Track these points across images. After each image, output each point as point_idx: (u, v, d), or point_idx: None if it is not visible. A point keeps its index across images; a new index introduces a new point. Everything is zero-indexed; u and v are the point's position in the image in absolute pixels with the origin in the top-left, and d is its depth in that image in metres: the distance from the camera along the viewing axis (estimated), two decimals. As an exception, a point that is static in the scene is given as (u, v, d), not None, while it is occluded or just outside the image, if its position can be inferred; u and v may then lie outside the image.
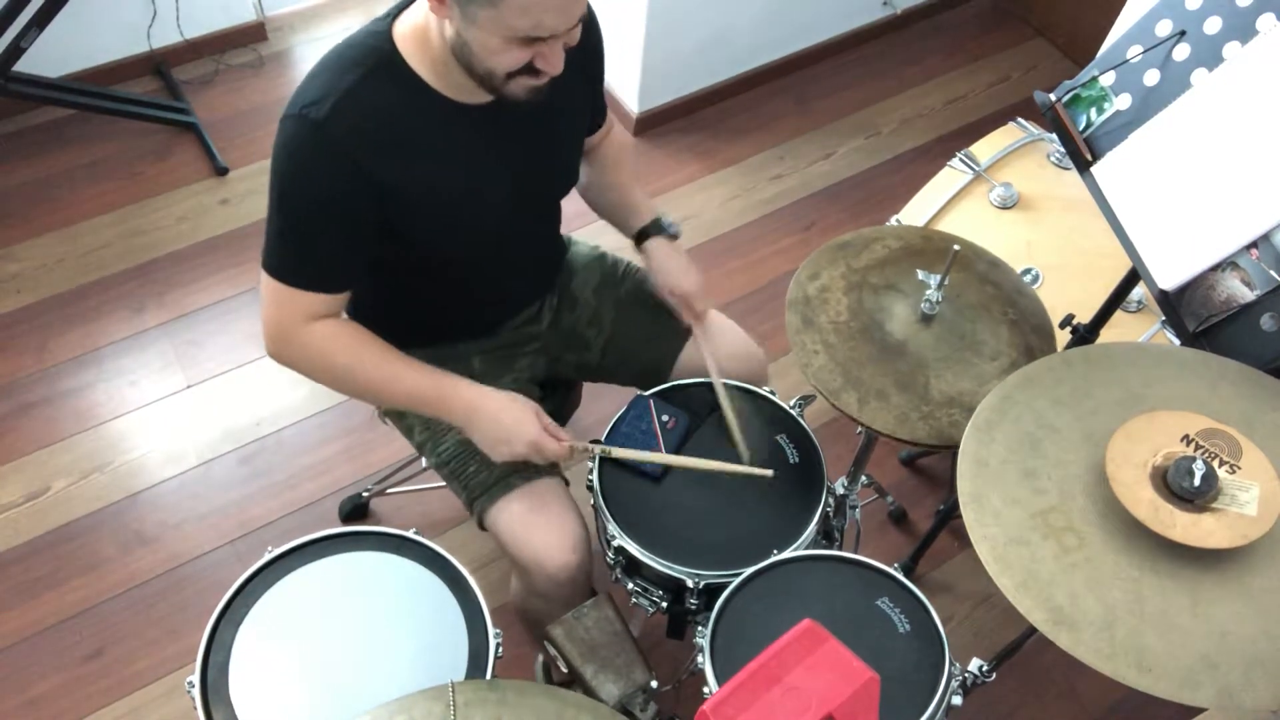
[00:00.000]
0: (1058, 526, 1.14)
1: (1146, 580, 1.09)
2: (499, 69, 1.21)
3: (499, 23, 1.14)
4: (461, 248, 1.43)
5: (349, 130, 1.23)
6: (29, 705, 1.91)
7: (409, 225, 1.35)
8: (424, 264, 1.45)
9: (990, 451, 1.21)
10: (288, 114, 1.25)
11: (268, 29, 3.04)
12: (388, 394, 1.42)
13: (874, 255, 1.57)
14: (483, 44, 1.18)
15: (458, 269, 1.48)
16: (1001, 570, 1.11)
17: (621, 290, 1.70)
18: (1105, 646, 1.05)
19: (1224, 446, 1.13)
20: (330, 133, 1.23)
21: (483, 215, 1.41)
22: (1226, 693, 1.02)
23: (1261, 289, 1.25)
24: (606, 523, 1.46)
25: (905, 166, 2.91)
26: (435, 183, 1.33)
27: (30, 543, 2.09)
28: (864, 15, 3.16)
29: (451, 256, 1.44)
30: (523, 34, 1.15)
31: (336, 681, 1.29)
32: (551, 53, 1.20)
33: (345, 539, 1.41)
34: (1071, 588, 1.09)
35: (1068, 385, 1.26)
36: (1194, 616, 1.06)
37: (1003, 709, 1.99)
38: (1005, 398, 1.25)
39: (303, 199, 1.27)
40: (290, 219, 1.29)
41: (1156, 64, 1.39)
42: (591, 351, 1.70)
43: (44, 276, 2.48)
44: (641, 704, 1.23)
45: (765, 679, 0.90)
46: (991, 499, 1.17)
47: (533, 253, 1.60)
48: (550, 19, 1.15)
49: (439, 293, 1.53)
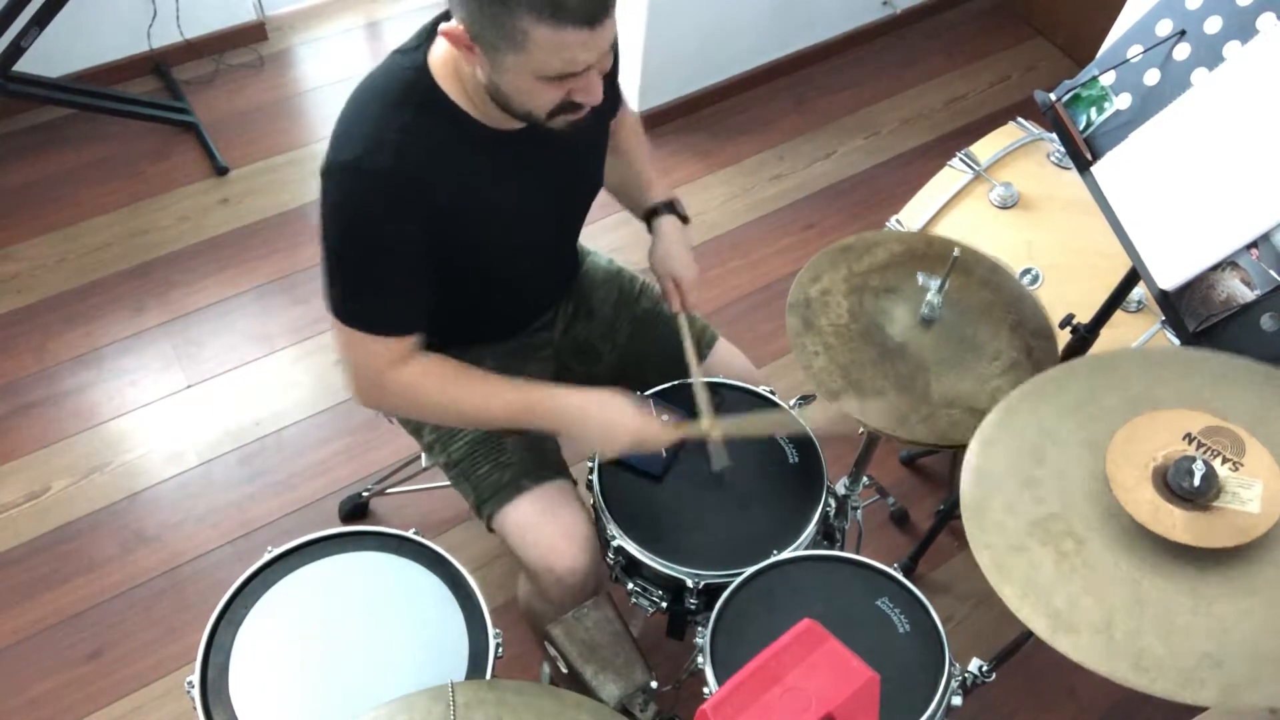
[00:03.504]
0: (1055, 532, 1.13)
1: (1147, 581, 1.09)
2: (538, 109, 1.19)
3: (529, 66, 1.12)
4: (505, 262, 1.42)
5: (412, 176, 1.21)
6: (29, 705, 1.91)
7: (468, 253, 1.34)
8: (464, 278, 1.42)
9: (992, 462, 1.20)
10: (338, 163, 1.22)
11: (268, 29, 3.04)
12: (486, 419, 1.41)
13: (875, 259, 1.56)
14: (516, 88, 1.16)
15: (492, 280, 1.46)
16: (1002, 580, 1.11)
17: (638, 309, 1.70)
18: (1105, 648, 1.04)
19: (1226, 444, 1.13)
20: (395, 181, 1.20)
21: (532, 233, 1.41)
22: (1231, 690, 1.01)
23: (1261, 289, 1.25)
24: (606, 523, 1.46)
25: (905, 166, 2.91)
26: (489, 211, 1.31)
27: (30, 543, 2.09)
28: (864, 15, 3.16)
29: (493, 271, 1.42)
30: (555, 73, 1.13)
31: (336, 681, 1.29)
32: (588, 84, 1.17)
33: (345, 539, 1.41)
34: (1070, 593, 1.09)
35: (1071, 394, 1.25)
36: (1195, 615, 1.06)
37: (1003, 709, 1.99)
38: (1009, 410, 1.24)
39: (376, 249, 1.25)
40: (364, 268, 1.26)
41: (1157, 63, 1.39)
42: (601, 364, 1.70)
43: (44, 276, 2.48)
44: (641, 704, 1.23)
45: (765, 679, 0.90)
46: (993, 509, 1.16)
47: (558, 259, 1.61)
48: (581, 54, 1.12)
49: (465, 300, 1.51)
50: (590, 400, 1.38)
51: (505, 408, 1.38)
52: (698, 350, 1.57)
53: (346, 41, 3.09)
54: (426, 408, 1.39)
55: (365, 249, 1.25)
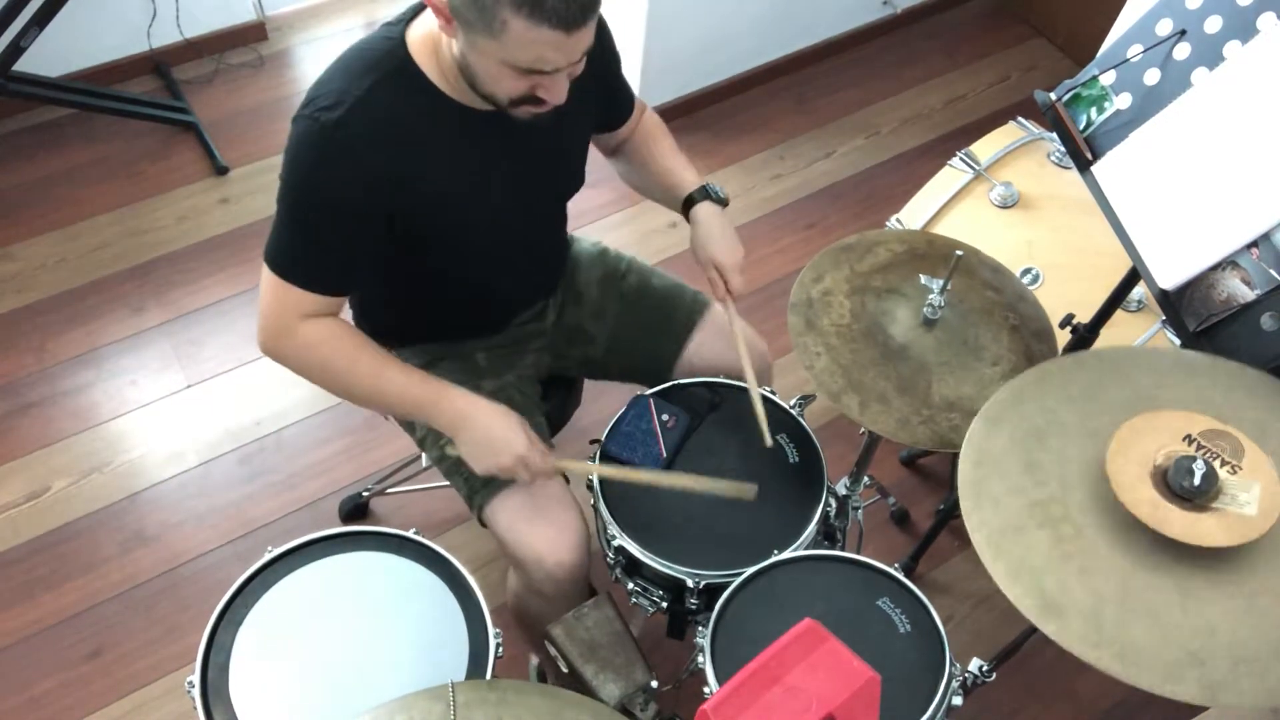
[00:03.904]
0: (1055, 516, 1.14)
1: (1139, 574, 1.10)
2: (501, 95, 1.21)
3: (500, 54, 1.14)
4: (469, 249, 1.44)
5: (361, 135, 1.24)
6: (29, 705, 1.91)
7: (419, 227, 1.35)
8: (431, 265, 1.45)
9: (995, 442, 1.21)
10: (301, 114, 1.26)
11: (268, 29, 3.04)
12: (378, 397, 1.40)
13: (877, 259, 1.56)
14: (484, 70, 1.18)
15: (463, 269, 1.48)
16: (995, 556, 1.12)
17: (624, 284, 1.70)
18: (1092, 635, 1.05)
19: (1225, 446, 1.13)
20: (342, 136, 1.23)
21: (490, 217, 1.41)
22: (1210, 688, 1.02)
23: (1262, 288, 1.25)
24: (606, 522, 1.46)
25: (905, 166, 2.91)
26: (445, 186, 1.33)
27: (30, 543, 2.09)
28: (864, 15, 3.16)
29: (459, 258, 1.44)
30: (524, 66, 1.16)
31: (336, 681, 1.28)
32: (553, 85, 1.20)
33: (345, 539, 1.41)
34: (1062, 577, 1.10)
35: (1080, 383, 1.26)
36: (1183, 612, 1.07)
37: (1003, 709, 1.99)
38: (1017, 392, 1.25)
39: (311, 199, 1.28)
40: (297, 217, 1.29)
41: (1157, 63, 1.39)
42: (595, 345, 1.70)
43: (44, 276, 2.48)
44: (641, 704, 1.23)
45: (765, 679, 0.90)
46: (991, 487, 1.17)
47: (538, 254, 1.60)
48: (552, 54, 1.15)
49: (444, 292, 1.53)
50: (482, 412, 1.37)
51: (400, 394, 1.37)
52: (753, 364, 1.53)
53: (346, 41, 3.02)
54: (321, 371, 1.38)
55: (303, 197, 1.27)
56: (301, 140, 1.25)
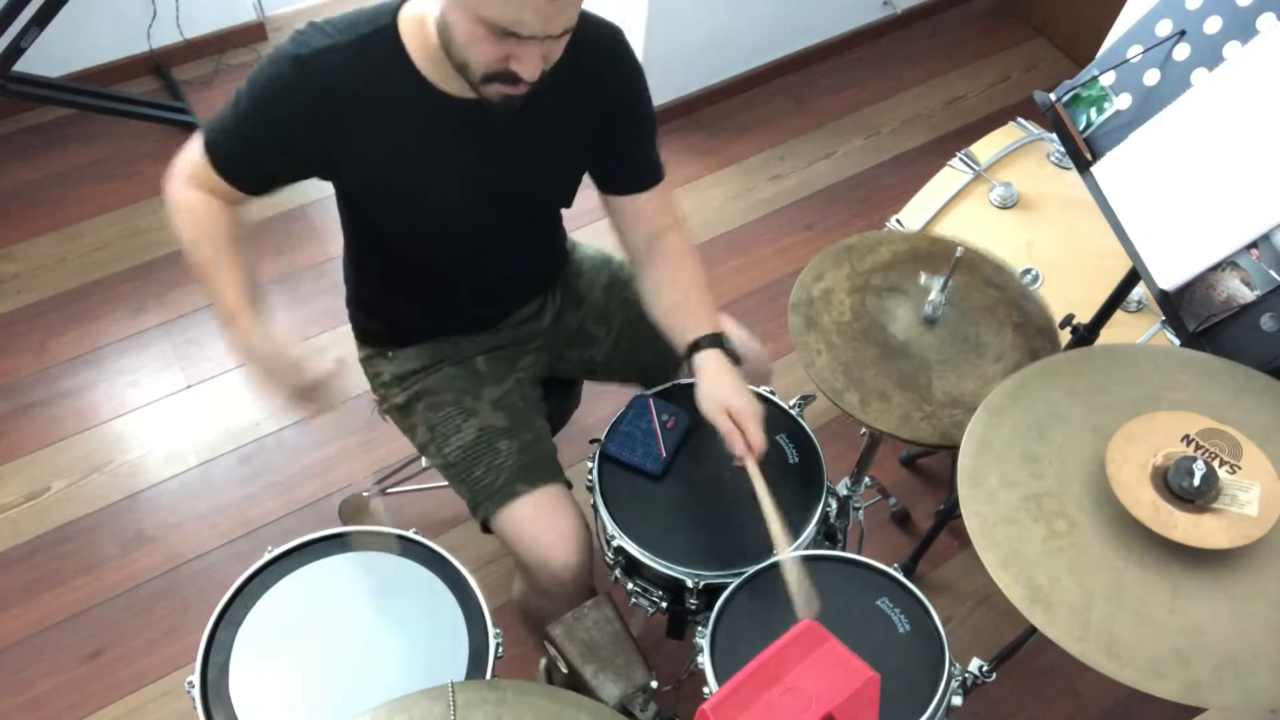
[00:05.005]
0: (1050, 511, 1.14)
1: (1131, 572, 1.10)
2: (474, 62, 1.20)
3: (479, 7, 1.14)
4: (428, 240, 1.44)
5: (321, 79, 1.26)
6: (29, 705, 1.91)
7: (366, 199, 1.37)
8: (401, 256, 1.46)
9: (996, 433, 1.21)
10: (297, 33, 1.29)
11: (268, 29, 3.04)
12: (207, 285, 1.42)
13: (878, 258, 1.56)
14: (461, 28, 1.18)
15: (434, 265, 1.48)
16: (987, 546, 1.12)
17: (630, 292, 1.69)
18: (1078, 629, 1.06)
19: (1224, 446, 1.13)
20: (303, 71, 1.25)
21: (449, 212, 1.40)
22: (1192, 688, 1.03)
23: (1261, 289, 1.25)
24: (606, 523, 1.46)
25: (905, 166, 2.91)
26: (396, 165, 1.33)
27: (30, 543, 2.09)
28: (864, 15, 3.16)
29: (421, 248, 1.45)
30: (500, 25, 1.14)
31: (336, 681, 1.28)
32: (527, 55, 1.18)
33: (345, 539, 1.40)
34: (1054, 570, 1.10)
35: (1084, 379, 1.26)
36: (1171, 611, 1.07)
37: (1003, 709, 1.99)
38: (1022, 384, 1.26)
39: (256, 102, 1.30)
40: (241, 108, 1.31)
41: (1156, 64, 1.39)
42: (599, 348, 1.70)
43: (44, 276, 2.48)
44: (641, 704, 1.23)
45: (765, 679, 0.90)
46: (989, 478, 1.18)
47: (522, 259, 1.58)
48: (529, 17, 1.13)
49: (426, 289, 1.54)
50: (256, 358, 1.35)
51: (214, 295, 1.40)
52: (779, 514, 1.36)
53: (346, 41, 3.08)
54: (178, 232, 1.42)
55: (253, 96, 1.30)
56: (280, 53, 1.28)
